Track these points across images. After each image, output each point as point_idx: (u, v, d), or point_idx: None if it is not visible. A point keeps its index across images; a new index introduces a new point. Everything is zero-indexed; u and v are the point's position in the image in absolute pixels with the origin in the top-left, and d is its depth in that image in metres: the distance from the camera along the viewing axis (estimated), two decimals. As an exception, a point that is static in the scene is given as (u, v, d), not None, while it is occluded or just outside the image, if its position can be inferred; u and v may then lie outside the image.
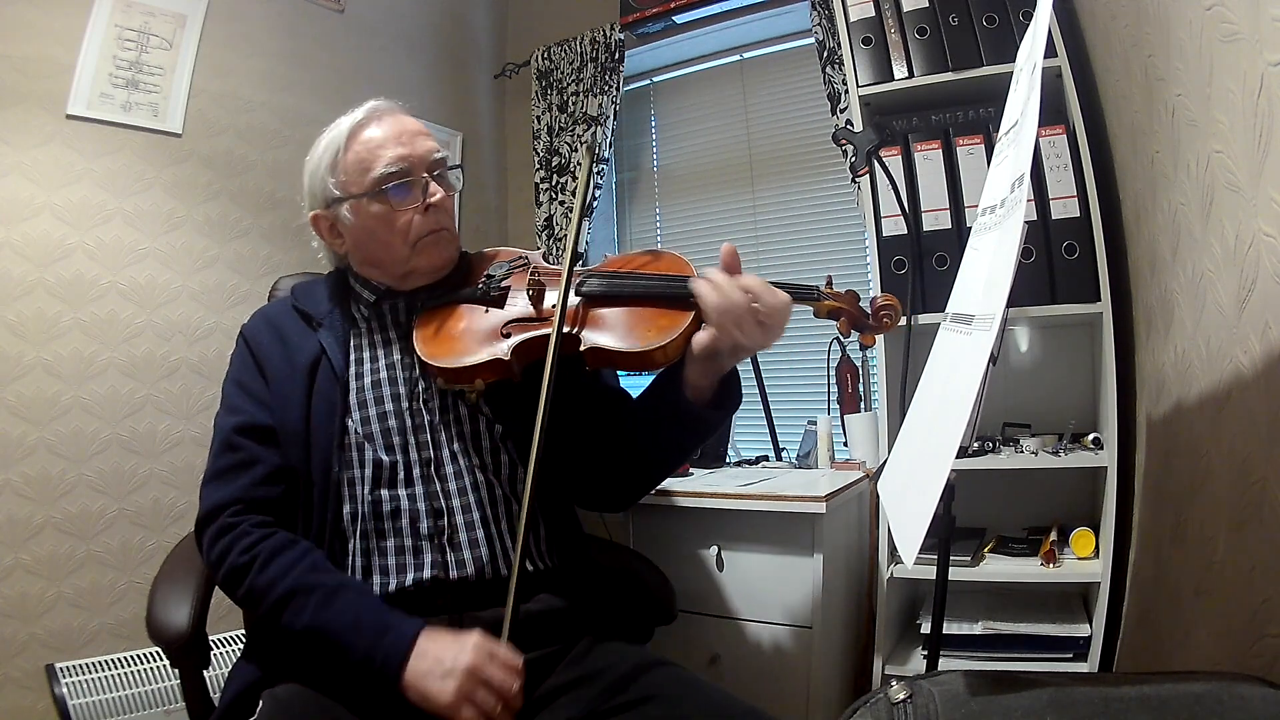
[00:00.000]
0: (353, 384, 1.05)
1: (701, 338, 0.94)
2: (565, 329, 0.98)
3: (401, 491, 1.00)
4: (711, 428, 1.05)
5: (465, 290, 1.09)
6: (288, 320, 1.11)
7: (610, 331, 0.99)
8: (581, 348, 0.98)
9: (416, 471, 1.01)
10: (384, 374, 1.06)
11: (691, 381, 0.99)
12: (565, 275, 0.98)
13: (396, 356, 1.08)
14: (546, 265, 1.09)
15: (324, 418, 1.03)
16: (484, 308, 1.06)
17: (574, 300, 1.01)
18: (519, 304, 1.05)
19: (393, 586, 0.97)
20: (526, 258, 1.11)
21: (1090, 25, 1.53)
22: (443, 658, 0.87)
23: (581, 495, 1.16)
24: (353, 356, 1.08)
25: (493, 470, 1.04)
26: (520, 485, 1.03)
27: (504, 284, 1.08)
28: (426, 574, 0.97)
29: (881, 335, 1.08)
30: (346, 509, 1.00)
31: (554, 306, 0.97)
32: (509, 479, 1.05)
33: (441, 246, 1.08)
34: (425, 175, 1.06)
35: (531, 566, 1.03)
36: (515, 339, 1.01)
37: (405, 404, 1.04)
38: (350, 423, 1.03)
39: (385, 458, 1.01)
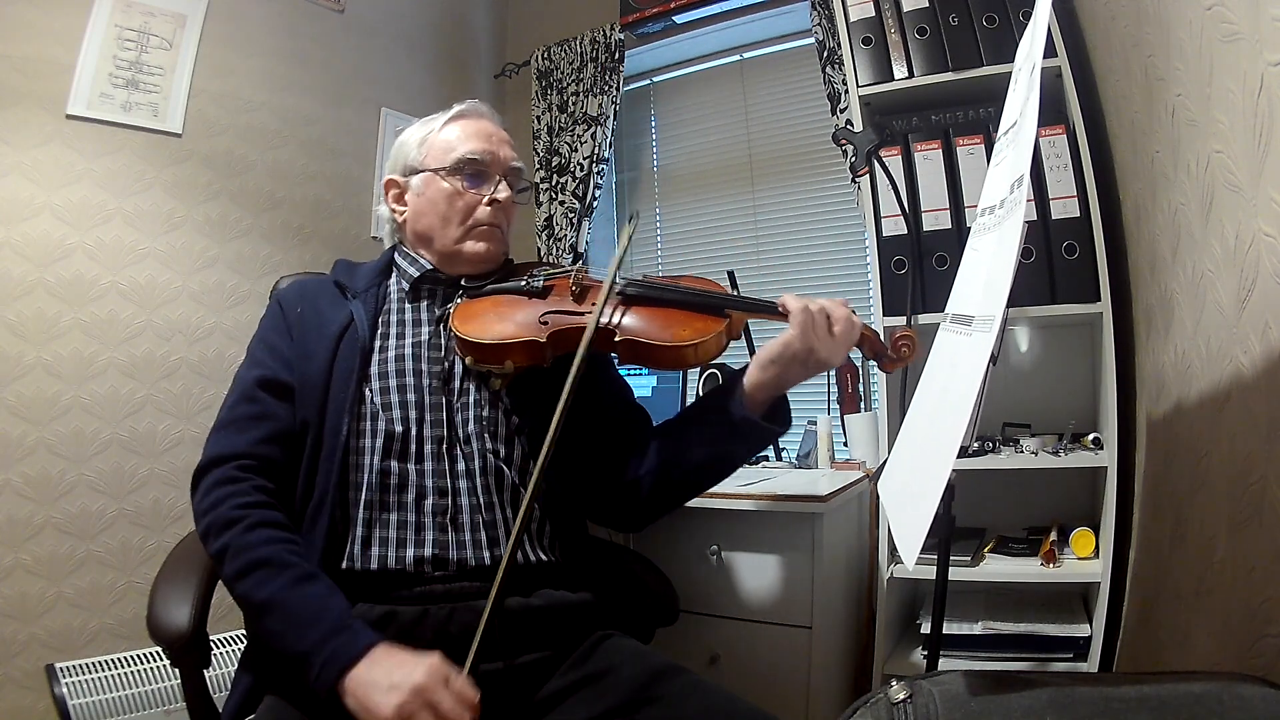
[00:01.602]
0: (375, 355, 1.07)
1: (777, 341, 1.00)
2: (604, 323, 1.03)
3: (411, 466, 1.01)
4: (758, 442, 1.08)
5: (509, 283, 1.14)
6: (323, 292, 1.15)
7: (646, 327, 1.04)
8: (617, 338, 1.02)
9: (428, 448, 1.02)
10: (409, 350, 1.08)
11: (750, 393, 1.03)
12: (619, 250, 1.05)
13: (425, 337, 1.10)
14: (586, 272, 1.13)
15: (343, 380, 1.04)
16: (526, 298, 1.11)
17: (614, 299, 1.06)
18: (561, 300, 1.09)
19: (392, 561, 0.97)
20: (570, 268, 1.15)
21: (1090, 25, 1.53)
22: (392, 671, 0.84)
23: (598, 510, 1.16)
24: (380, 330, 1.10)
25: (504, 457, 1.05)
26: (531, 477, 1.04)
27: (549, 282, 1.12)
28: (428, 552, 0.97)
29: (903, 367, 1.11)
30: (353, 477, 1.01)
31: (594, 304, 1.03)
32: (520, 469, 1.06)
33: (491, 241, 1.14)
34: (500, 175, 1.14)
35: (533, 558, 1.02)
36: (553, 325, 1.04)
37: (426, 380, 1.06)
38: (368, 391, 1.04)
39: (398, 429, 1.02)
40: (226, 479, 0.98)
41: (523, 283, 1.12)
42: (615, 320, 1.04)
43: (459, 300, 1.11)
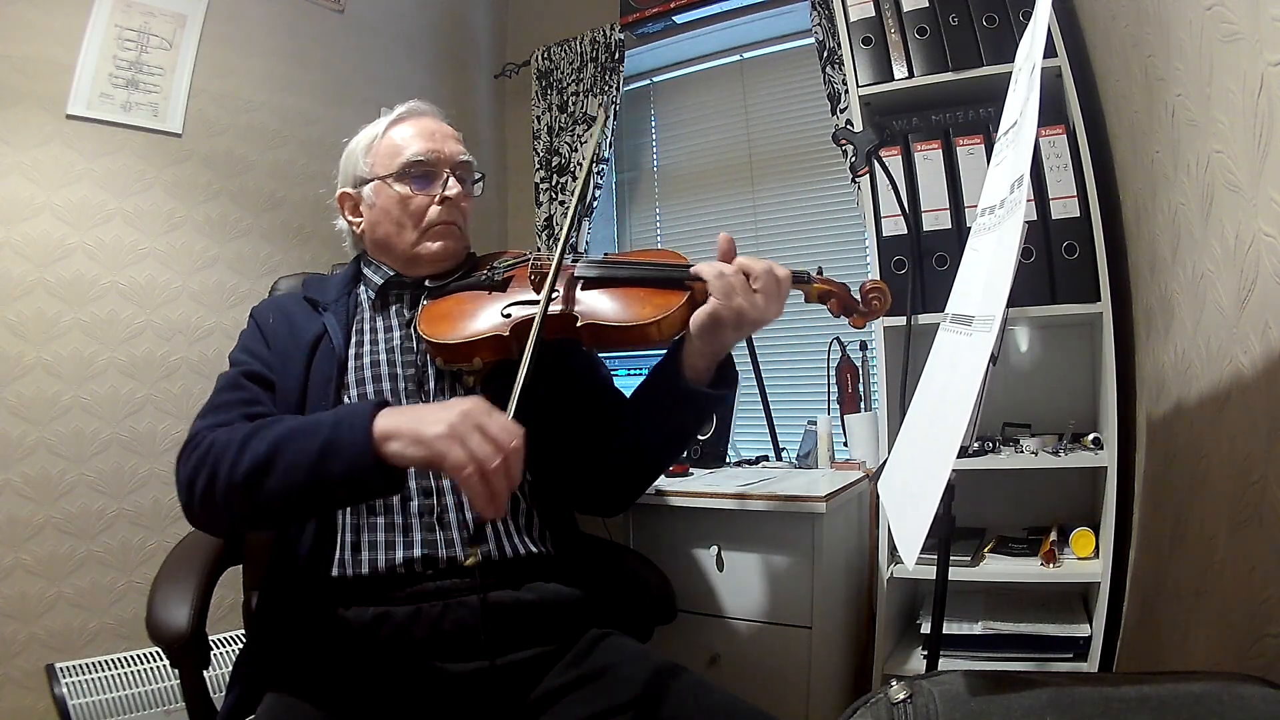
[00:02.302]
0: (351, 362, 1.08)
1: (703, 310, 0.97)
2: (562, 309, 1.02)
3: None
4: (708, 409, 1.07)
5: (470, 279, 1.13)
6: (296, 306, 1.15)
7: (606, 309, 1.03)
8: (578, 324, 1.01)
9: None
10: (383, 355, 1.09)
11: (690, 362, 1.02)
12: (570, 215, 1.05)
13: (397, 341, 1.10)
14: (548, 259, 1.11)
15: (320, 389, 1.04)
16: (487, 292, 1.10)
17: (571, 283, 1.05)
18: (521, 290, 1.09)
19: (382, 564, 0.97)
20: (529, 255, 1.15)
21: (1090, 25, 1.53)
22: (431, 407, 0.84)
23: (580, 498, 1.16)
24: (354, 339, 1.11)
25: None
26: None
27: (508, 274, 1.12)
28: (416, 552, 0.97)
29: (874, 321, 1.11)
30: None
31: (555, 290, 1.01)
32: None
33: (449, 239, 1.14)
34: (448, 171, 1.13)
35: (523, 550, 1.02)
36: (515, 318, 1.04)
37: (402, 384, 1.07)
38: (346, 398, 1.05)
39: None
40: (199, 442, 0.93)
41: (483, 277, 1.12)
42: (574, 305, 1.03)
43: (424, 302, 1.11)
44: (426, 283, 1.14)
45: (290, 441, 0.86)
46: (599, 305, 1.03)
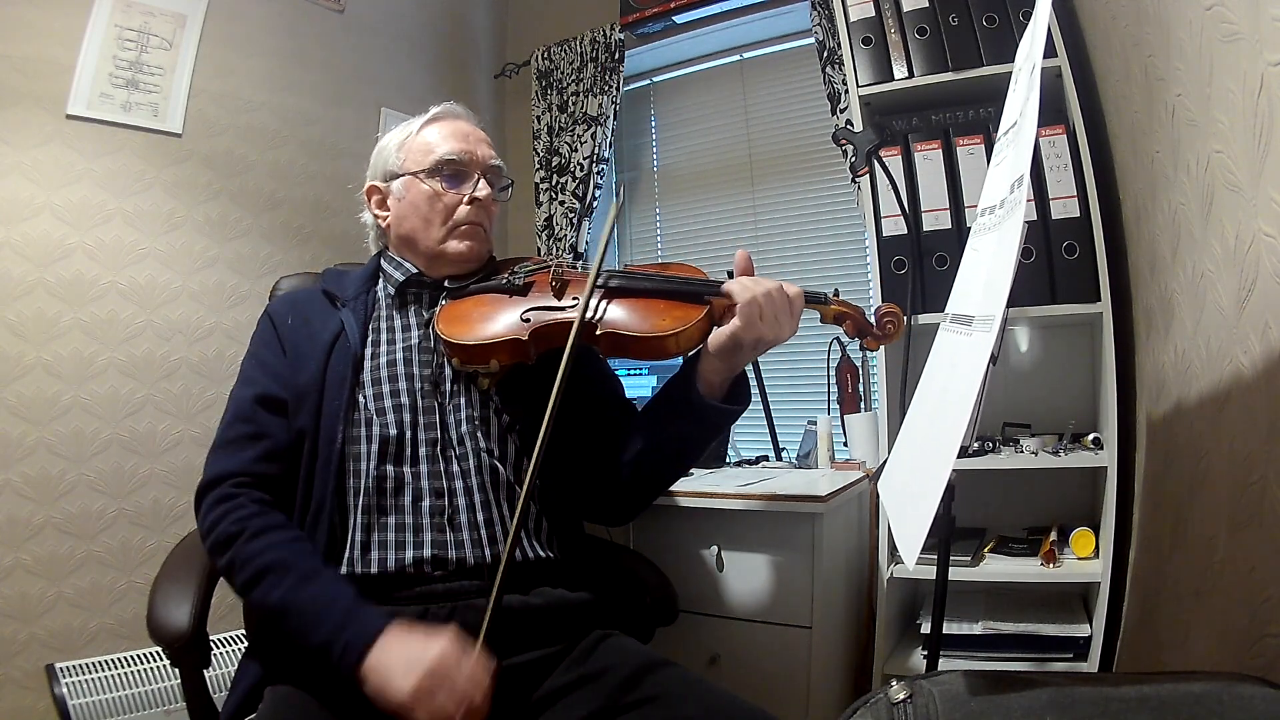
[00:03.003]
0: (367, 362, 1.08)
1: (724, 330, 0.99)
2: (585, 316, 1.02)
3: (406, 469, 1.02)
4: (720, 424, 1.08)
5: (491, 282, 1.14)
6: (313, 301, 1.16)
7: (627, 319, 1.03)
8: (598, 332, 1.02)
9: (423, 450, 1.03)
10: (400, 354, 1.09)
11: (705, 378, 1.03)
12: (600, 250, 1.03)
13: (414, 341, 1.10)
14: (570, 267, 1.13)
15: (335, 388, 1.05)
16: (507, 295, 1.11)
17: (593, 292, 1.05)
18: (542, 296, 1.09)
19: (391, 564, 0.97)
20: (551, 261, 1.16)
21: (1090, 25, 1.53)
22: (408, 653, 0.86)
23: (587, 507, 1.17)
24: (370, 337, 1.11)
25: (498, 456, 1.06)
26: (525, 474, 1.05)
27: (529, 279, 1.12)
28: (426, 553, 0.98)
29: (886, 345, 1.11)
30: (350, 483, 1.01)
31: (575, 298, 1.02)
32: (515, 467, 1.06)
33: (474, 239, 1.15)
34: (479, 173, 1.14)
35: (532, 554, 1.03)
36: (534, 323, 1.04)
37: (418, 384, 1.07)
38: (361, 397, 1.05)
39: (392, 433, 1.03)
40: (224, 497, 0.99)
41: (504, 280, 1.12)
42: (596, 314, 1.04)
43: (443, 302, 1.12)
44: (446, 283, 1.14)
45: (293, 619, 0.92)
46: (619, 315, 1.04)
